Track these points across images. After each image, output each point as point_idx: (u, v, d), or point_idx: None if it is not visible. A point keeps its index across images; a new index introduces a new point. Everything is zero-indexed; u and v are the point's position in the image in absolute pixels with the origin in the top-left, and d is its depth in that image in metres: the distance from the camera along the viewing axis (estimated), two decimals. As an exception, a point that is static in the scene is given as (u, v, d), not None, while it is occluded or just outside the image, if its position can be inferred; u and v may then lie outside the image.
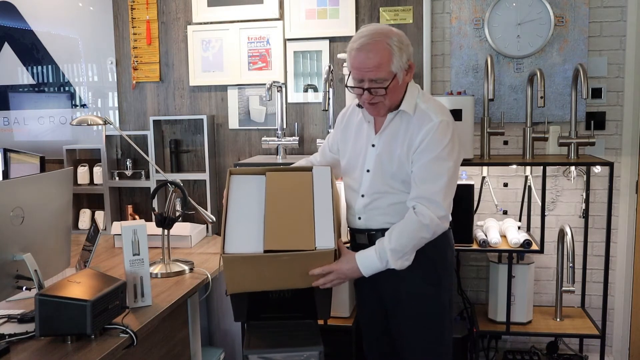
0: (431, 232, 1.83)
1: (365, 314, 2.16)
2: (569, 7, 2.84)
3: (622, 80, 2.89)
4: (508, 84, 2.94)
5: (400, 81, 1.83)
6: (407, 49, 1.83)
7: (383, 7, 3.04)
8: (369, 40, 1.79)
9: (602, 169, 2.86)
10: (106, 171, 3.29)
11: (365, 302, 2.13)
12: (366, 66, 1.79)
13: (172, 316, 2.05)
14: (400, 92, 1.87)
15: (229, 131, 3.30)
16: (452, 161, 1.85)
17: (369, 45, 1.79)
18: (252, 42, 3.21)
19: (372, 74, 1.79)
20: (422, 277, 1.93)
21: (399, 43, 1.80)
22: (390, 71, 1.80)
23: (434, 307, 1.97)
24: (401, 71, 1.82)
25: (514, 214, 3.00)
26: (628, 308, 2.99)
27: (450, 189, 1.85)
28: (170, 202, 2.30)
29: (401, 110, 1.88)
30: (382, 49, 1.78)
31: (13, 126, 3.60)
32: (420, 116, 1.86)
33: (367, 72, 1.80)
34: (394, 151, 1.89)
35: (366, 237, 1.97)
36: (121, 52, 3.38)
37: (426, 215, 1.80)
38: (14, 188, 1.78)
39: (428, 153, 1.82)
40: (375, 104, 1.86)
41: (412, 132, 1.86)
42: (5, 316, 1.79)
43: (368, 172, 1.94)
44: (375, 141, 1.94)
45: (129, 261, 1.87)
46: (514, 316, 2.77)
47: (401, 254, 1.82)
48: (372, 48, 1.78)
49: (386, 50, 1.78)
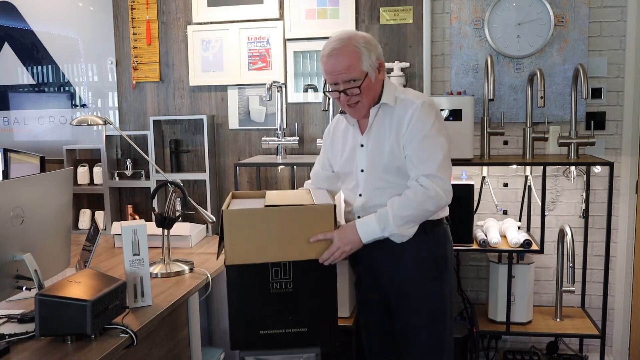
0: (435, 205, 1.85)
1: (367, 313, 2.16)
2: (569, 7, 2.84)
3: (622, 80, 2.89)
4: (508, 84, 2.94)
5: (373, 79, 1.91)
6: (375, 49, 1.92)
7: (383, 7, 3.04)
8: (337, 45, 1.89)
9: (602, 169, 2.86)
10: (106, 171, 3.29)
11: (367, 302, 2.14)
12: (337, 70, 1.89)
13: (172, 316, 2.05)
14: (375, 90, 1.94)
15: (229, 131, 3.30)
16: (443, 137, 1.90)
17: (337, 49, 1.89)
18: (252, 42, 3.21)
19: (344, 76, 1.88)
20: (424, 272, 1.96)
21: (366, 44, 1.90)
22: (361, 70, 1.88)
23: (437, 302, 1.99)
24: (372, 70, 1.90)
25: (514, 214, 3.00)
26: (628, 308, 2.99)
27: (447, 163, 1.89)
28: (170, 202, 2.30)
29: (382, 103, 1.94)
30: (350, 51, 1.88)
31: (13, 126, 3.60)
32: (402, 104, 1.92)
33: (339, 75, 1.89)
34: (383, 144, 1.93)
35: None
36: (121, 52, 3.38)
37: (431, 188, 1.83)
38: (14, 188, 1.78)
39: (418, 133, 1.87)
40: (354, 105, 1.93)
41: (398, 119, 1.91)
42: (5, 316, 1.79)
43: (362, 172, 1.98)
44: (363, 141, 1.98)
45: (129, 261, 1.87)
46: (514, 316, 2.77)
47: (403, 222, 1.85)
48: (340, 52, 1.88)
49: (354, 52, 1.88)
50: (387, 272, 1.98)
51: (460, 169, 2.78)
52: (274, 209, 1.86)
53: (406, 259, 1.95)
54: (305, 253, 1.84)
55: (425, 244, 1.95)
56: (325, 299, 1.90)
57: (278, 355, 1.87)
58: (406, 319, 2.00)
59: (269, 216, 1.84)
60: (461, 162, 2.64)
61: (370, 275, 2.05)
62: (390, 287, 2.00)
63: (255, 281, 1.84)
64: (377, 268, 2.01)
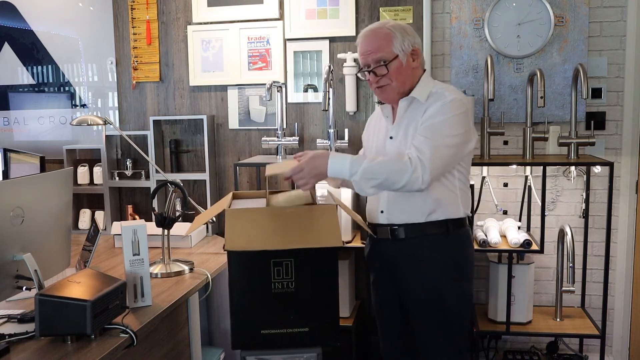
0: (404, 183, 1.78)
1: (384, 313, 2.12)
2: (569, 7, 2.84)
3: (622, 80, 2.89)
4: (508, 84, 2.94)
5: (404, 63, 1.90)
6: (410, 37, 1.92)
7: (383, 7, 3.04)
8: (372, 27, 1.95)
9: (602, 169, 2.86)
10: (106, 171, 3.29)
11: (385, 302, 2.10)
12: (368, 49, 1.91)
13: (172, 316, 2.05)
14: (405, 75, 1.92)
15: (229, 131, 3.30)
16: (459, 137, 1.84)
17: (371, 31, 1.93)
18: (252, 42, 3.21)
19: (374, 55, 1.90)
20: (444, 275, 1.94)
21: (401, 29, 1.91)
22: (391, 51, 1.89)
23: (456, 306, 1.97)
24: (404, 54, 1.90)
25: (514, 214, 3.00)
26: (628, 308, 2.99)
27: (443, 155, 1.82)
28: (170, 202, 2.30)
29: (412, 97, 1.92)
30: (382, 32, 1.91)
31: (13, 126, 3.60)
32: (433, 98, 1.90)
33: (369, 55, 1.91)
34: (408, 140, 1.89)
35: (388, 231, 1.96)
36: (121, 52, 3.38)
37: (414, 162, 1.78)
38: (14, 188, 1.78)
39: (433, 119, 1.84)
40: (383, 87, 1.93)
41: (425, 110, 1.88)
42: (5, 316, 1.79)
43: None
44: (392, 133, 1.97)
45: (129, 261, 1.87)
46: (514, 316, 2.77)
47: (370, 177, 1.80)
48: (373, 33, 1.92)
49: (386, 34, 1.90)
50: (405, 273, 1.96)
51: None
52: (278, 209, 1.87)
53: (426, 261, 1.93)
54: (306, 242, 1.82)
55: (446, 247, 1.93)
56: (327, 299, 1.90)
57: (279, 355, 1.86)
58: (424, 322, 1.98)
59: (272, 215, 1.84)
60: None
61: (388, 274, 2.03)
62: (408, 288, 1.98)
63: (257, 281, 1.84)
64: (396, 268, 1.99)
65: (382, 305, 2.12)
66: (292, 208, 1.88)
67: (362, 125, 3.12)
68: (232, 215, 1.83)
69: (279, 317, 1.86)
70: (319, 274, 1.87)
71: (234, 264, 1.84)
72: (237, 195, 2.17)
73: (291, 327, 1.87)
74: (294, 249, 1.81)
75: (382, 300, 2.11)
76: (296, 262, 1.84)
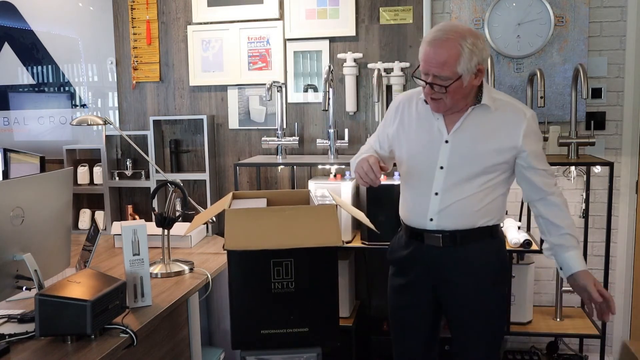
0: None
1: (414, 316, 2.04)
2: (569, 7, 2.84)
3: (622, 80, 2.89)
4: (508, 84, 2.94)
5: (466, 84, 1.78)
6: (480, 53, 1.77)
7: (383, 7, 3.04)
8: (442, 36, 1.75)
9: (602, 169, 2.86)
10: (106, 171, 3.29)
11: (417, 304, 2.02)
12: (432, 61, 1.76)
13: (172, 316, 2.05)
14: (462, 94, 1.81)
15: (229, 131, 3.30)
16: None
17: (440, 41, 1.75)
18: (252, 42, 3.21)
19: (436, 70, 1.76)
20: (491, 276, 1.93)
21: (472, 46, 1.75)
22: (455, 71, 1.75)
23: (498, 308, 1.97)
24: (468, 74, 1.77)
25: (514, 214, 3.00)
26: (628, 308, 2.99)
27: None
28: (170, 202, 2.30)
29: (483, 104, 1.85)
30: (451, 47, 1.74)
31: (13, 126, 3.60)
32: (507, 108, 1.87)
33: (432, 67, 1.76)
34: (477, 144, 1.85)
35: (440, 239, 1.90)
36: (121, 52, 3.38)
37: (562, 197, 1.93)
38: (14, 188, 1.78)
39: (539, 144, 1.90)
40: (436, 100, 1.82)
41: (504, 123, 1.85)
42: (5, 316, 1.79)
43: (442, 169, 1.87)
44: (449, 138, 1.87)
45: (129, 261, 1.87)
46: (514, 316, 2.77)
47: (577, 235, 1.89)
48: (441, 44, 1.74)
49: (455, 50, 1.73)
50: (452, 276, 1.92)
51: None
52: (277, 209, 1.87)
53: (473, 264, 1.90)
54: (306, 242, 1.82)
55: (493, 249, 1.92)
56: (327, 299, 1.90)
57: (279, 354, 1.87)
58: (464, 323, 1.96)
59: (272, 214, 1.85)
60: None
61: (429, 279, 1.96)
62: (452, 292, 1.94)
63: (257, 281, 1.84)
64: (441, 273, 1.94)
65: (412, 310, 2.03)
66: (292, 208, 1.88)
67: (362, 125, 3.13)
68: (232, 215, 1.83)
69: (278, 317, 1.86)
70: (319, 273, 1.87)
71: (233, 264, 1.85)
72: (237, 195, 2.17)
73: (291, 327, 1.87)
74: (293, 249, 1.81)
75: (413, 305, 2.02)
76: (296, 262, 1.84)
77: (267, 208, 1.91)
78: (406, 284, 2.01)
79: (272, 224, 1.83)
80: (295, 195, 2.16)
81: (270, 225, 1.83)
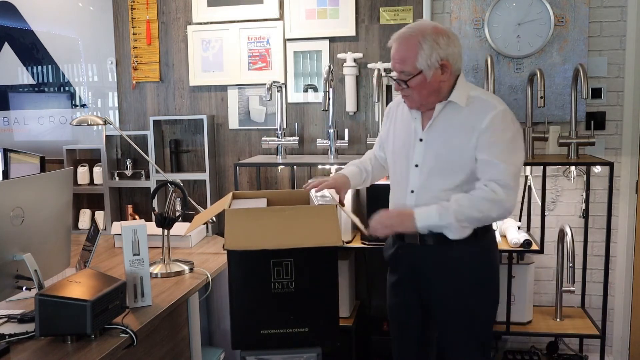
0: (498, 214, 1.82)
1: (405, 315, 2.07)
2: (569, 7, 2.84)
3: (622, 80, 2.89)
4: (508, 84, 2.94)
5: (430, 79, 1.82)
6: (444, 49, 1.81)
7: (383, 7, 3.04)
8: (405, 33, 1.84)
9: (602, 169, 2.86)
10: (106, 171, 3.29)
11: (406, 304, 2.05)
12: (395, 57, 1.86)
13: (172, 316, 2.05)
14: (430, 89, 1.85)
15: (229, 131, 3.30)
16: (522, 150, 1.87)
17: (402, 38, 1.84)
18: (252, 42, 3.21)
19: (399, 66, 1.85)
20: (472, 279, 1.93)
21: (433, 42, 1.80)
22: (415, 67, 1.81)
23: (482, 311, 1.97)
24: (430, 69, 1.81)
25: (514, 214, 3.00)
26: (628, 308, 2.99)
27: (519, 176, 1.85)
28: (170, 202, 2.30)
29: (450, 101, 1.87)
30: (411, 43, 1.81)
31: (13, 126, 3.60)
32: (478, 104, 1.85)
33: (395, 64, 1.86)
34: (447, 142, 1.86)
35: (417, 237, 1.92)
36: (121, 52, 3.38)
37: (502, 195, 1.77)
38: (14, 188, 1.78)
39: (498, 139, 1.81)
40: (406, 97, 1.90)
41: (474, 119, 1.83)
42: (5, 316, 1.79)
43: (416, 167, 1.91)
44: (423, 136, 1.91)
45: (129, 261, 1.87)
46: (514, 316, 2.77)
47: (464, 217, 1.80)
48: (403, 41, 1.84)
49: (414, 46, 1.81)
50: (433, 278, 1.93)
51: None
52: (278, 209, 1.88)
53: (455, 265, 1.91)
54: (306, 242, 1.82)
55: (474, 250, 1.91)
56: (327, 299, 1.90)
57: (279, 355, 1.87)
58: (449, 326, 1.97)
59: (272, 214, 1.85)
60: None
61: (414, 278, 1.99)
62: (435, 293, 1.95)
63: (257, 281, 1.85)
64: (423, 272, 1.96)
65: (402, 307, 2.06)
66: (292, 208, 1.88)
67: (362, 125, 3.13)
68: (232, 215, 1.83)
69: (278, 317, 1.86)
70: (319, 273, 1.87)
71: (233, 264, 1.85)
72: (237, 195, 2.17)
73: (291, 327, 1.87)
74: (293, 249, 1.81)
75: (403, 303, 2.06)
76: (296, 262, 1.84)
77: (267, 208, 1.91)
78: (396, 282, 2.07)
79: (272, 224, 1.83)
80: (295, 195, 2.17)
81: (270, 225, 1.83)
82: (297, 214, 1.86)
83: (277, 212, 1.87)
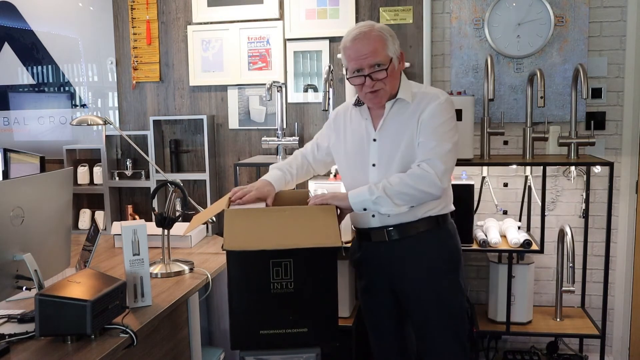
0: (427, 186, 1.84)
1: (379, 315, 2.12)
2: (569, 7, 2.84)
3: (622, 80, 2.89)
4: (508, 84, 2.94)
5: (396, 67, 1.91)
6: (395, 38, 1.92)
7: (383, 7, 3.04)
8: (362, 31, 1.89)
9: (602, 169, 2.86)
10: (106, 171, 3.30)
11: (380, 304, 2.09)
12: (363, 53, 1.87)
13: (172, 316, 2.05)
14: (396, 79, 1.93)
15: (229, 131, 3.30)
16: (456, 136, 1.92)
17: (362, 34, 1.88)
18: (252, 42, 3.21)
19: (371, 59, 1.87)
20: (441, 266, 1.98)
21: (389, 32, 1.91)
22: (387, 55, 1.88)
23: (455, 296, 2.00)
24: (395, 57, 1.90)
25: (514, 214, 3.00)
26: (628, 308, 2.99)
27: (452, 156, 1.90)
28: (170, 202, 2.30)
29: (399, 98, 1.93)
30: (375, 36, 1.88)
31: (13, 126, 3.60)
32: (423, 98, 1.92)
33: (365, 59, 1.87)
34: (399, 138, 1.92)
35: (384, 234, 1.98)
36: (121, 52, 3.39)
37: (429, 170, 1.84)
38: (14, 188, 1.78)
39: (433, 123, 1.88)
40: (377, 92, 1.91)
41: (419, 112, 1.90)
42: (5, 316, 1.79)
43: (374, 167, 1.96)
44: (376, 136, 1.97)
45: (129, 261, 1.87)
46: (514, 316, 2.77)
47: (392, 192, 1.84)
48: (365, 36, 1.88)
49: (379, 37, 1.88)
50: (402, 270, 1.98)
51: (460, 169, 2.78)
52: (277, 209, 1.88)
53: (422, 255, 1.96)
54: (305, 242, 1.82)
55: (439, 238, 1.98)
56: (326, 299, 1.89)
57: (278, 355, 1.86)
58: (425, 317, 2.00)
59: (271, 215, 1.85)
60: (461, 162, 2.64)
61: (384, 276, 2.03)
62: (406, 285, 2.00)
63: (256, 281, 1.84)
64: (392, 269, 2.00)
65: (378, 308, 2.11)
66: (291, 208, 1.88)
67: (362, 125, 3.13)
68: (231, 215, 1.83)
69: (278, 318, 1.86)
70: (318, 274, 1.87)
71: (233, 264, 1.84)
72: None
73: (290, 327, 1.87)
74: (293, 249, 1.80)
75: (378, 304, 2.10)
76: (295, 263, 1.84)
77: (267, 208, 1.91)
78: (366, 287, 2.11)
79: (271, 224, 1.83)
80: (295, 195, 2.16)
81: (270, 225, 1.83)
82: (296, 214, 1.86)
83: (276, 213, 1.87)
